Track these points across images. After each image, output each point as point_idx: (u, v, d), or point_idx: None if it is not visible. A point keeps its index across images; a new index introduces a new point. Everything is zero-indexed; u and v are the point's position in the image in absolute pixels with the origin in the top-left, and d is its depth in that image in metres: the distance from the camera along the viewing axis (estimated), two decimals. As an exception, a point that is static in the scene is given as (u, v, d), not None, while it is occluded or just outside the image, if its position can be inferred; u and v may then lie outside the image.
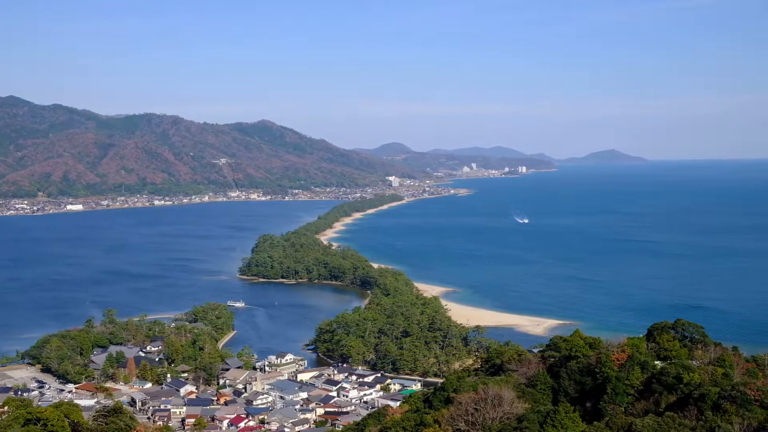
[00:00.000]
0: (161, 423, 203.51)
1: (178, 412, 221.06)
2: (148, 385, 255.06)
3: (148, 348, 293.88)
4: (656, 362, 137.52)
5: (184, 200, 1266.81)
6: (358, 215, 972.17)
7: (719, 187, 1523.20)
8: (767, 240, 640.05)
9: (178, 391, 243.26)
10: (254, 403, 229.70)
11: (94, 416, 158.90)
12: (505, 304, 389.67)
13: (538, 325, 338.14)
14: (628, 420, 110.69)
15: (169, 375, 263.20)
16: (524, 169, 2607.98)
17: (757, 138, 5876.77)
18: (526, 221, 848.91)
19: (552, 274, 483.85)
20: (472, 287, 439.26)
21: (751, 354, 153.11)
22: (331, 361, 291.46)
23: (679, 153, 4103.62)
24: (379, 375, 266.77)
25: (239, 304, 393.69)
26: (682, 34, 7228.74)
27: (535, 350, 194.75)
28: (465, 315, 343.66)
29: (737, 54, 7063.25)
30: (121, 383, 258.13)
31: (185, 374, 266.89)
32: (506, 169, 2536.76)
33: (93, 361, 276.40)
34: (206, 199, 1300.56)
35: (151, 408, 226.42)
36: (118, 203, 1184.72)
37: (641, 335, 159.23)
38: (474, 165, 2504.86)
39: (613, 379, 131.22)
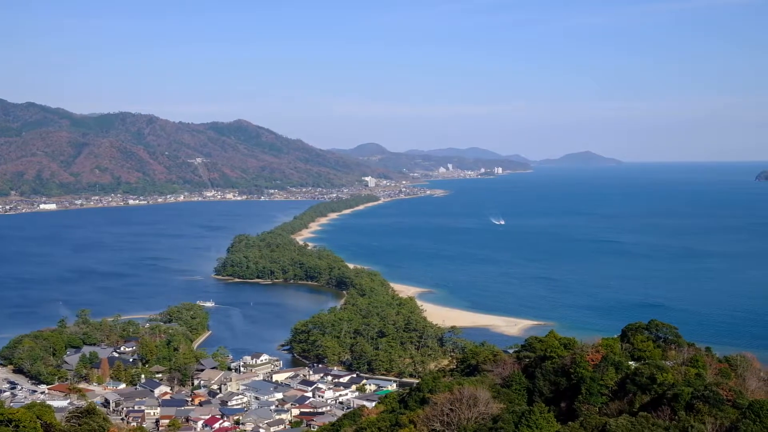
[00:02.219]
0: (135, 424, 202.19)
1: (152, 413, 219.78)
2: (122, 385, 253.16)
3: (122, 348, 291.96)
4: (630, 362, 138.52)
5: (159, 200, 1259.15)
6: (334, 215, 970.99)
7: (691, 190, 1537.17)
8: (736, 242, 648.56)
9: (153, 391, 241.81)
10: (229, 403, 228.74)
11: (67, 417, 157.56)
12: (481, 304, 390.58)
13: (513, 326, 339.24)
14: (602, 420, 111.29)
15: (143, 376, 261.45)
16: (500, 170, 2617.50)
17: (732, 141, 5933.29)
18: (502, 222, 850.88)
19: (526, 274, 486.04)
20: (447, 288, 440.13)
21: (724, 354, 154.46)
22: (307, 362, 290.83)
23: (653, 155, 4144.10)
24: (354, 375, 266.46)
25: (209, 304, 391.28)
26: (660, 38, 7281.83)
27: (511, 351, 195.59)
28: (440, 315, 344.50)
29: (713, 58, 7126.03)
30: (94, 384, 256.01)
31: (159, 375, 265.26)
32: (482, 170, 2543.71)
33: (66, 362, 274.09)
34: (181, 198, 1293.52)
35: (124, 409, 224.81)
36: (92, 202, 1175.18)
37: (615, 336, 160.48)
38: (450, 166, 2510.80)
39: (588, 379, 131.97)
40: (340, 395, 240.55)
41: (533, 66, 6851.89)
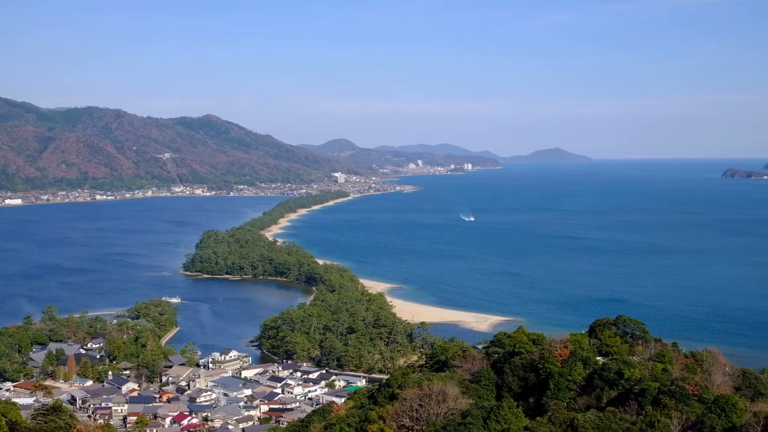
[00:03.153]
0: (102, 421, 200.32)
1: (119, 410, 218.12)
2: (89, 382, 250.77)
3: (89, 345, 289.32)
4: (598, 358, 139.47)
5: (127, 195, 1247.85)
6: (303, 211, 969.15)
7: (658, 187, 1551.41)
8: (700, 238, 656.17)
9: (120, 388, 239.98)
10: (197, 400, 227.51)
11: (32, 415, 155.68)
12: (450, 300, 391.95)
13: (482, 322, 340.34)
14: (570, 415, 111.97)
15: (110, 372, 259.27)
16: (470, 166, 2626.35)
17: (700, 139, 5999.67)
18: (472, 219, 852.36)
19: (495, 270, 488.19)
20: (417, 284, 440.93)
21: (690, 350, 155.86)
22: (276, 358, 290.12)
23: (623, 152, 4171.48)
24: (324, 371, 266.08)
25: (175, 300, 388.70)
26: (633, 37, 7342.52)
27: (480, 346, 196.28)
28: (410, 311, 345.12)
29: (683, 57, 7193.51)
30: (61, 381, 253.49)
31: (127, 372, 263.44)
32: (452, 167, 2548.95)
33: (32, 359, 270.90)
34: (149, 194, 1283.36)
35: (91, 406, 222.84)
36: (58, 198, 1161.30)
37: (584, 331, 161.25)
38: (420, 162, 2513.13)
39: (556, 374, 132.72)
40: (310, 391, 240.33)
41: (505, 64, 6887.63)
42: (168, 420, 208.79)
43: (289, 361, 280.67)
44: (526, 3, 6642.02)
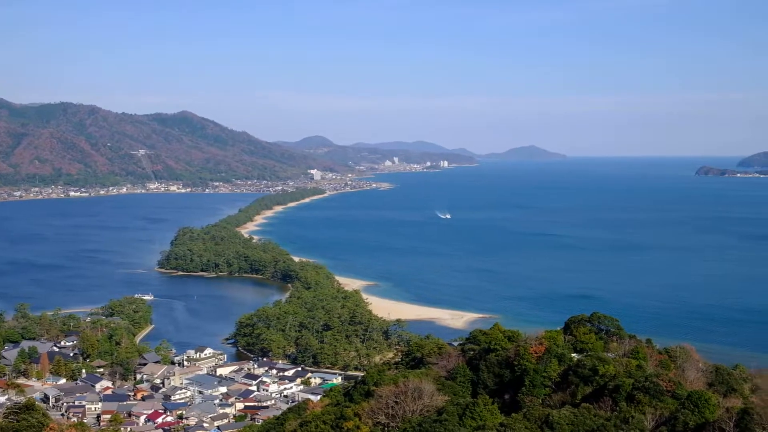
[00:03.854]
0: (75, 419, 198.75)
1: (93, 408, 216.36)
2: (62, 380, 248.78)
3: (62, 343, 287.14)
4: (573, 354, 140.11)
5: (101, 192, 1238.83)
6: (279, 208, 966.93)
7: (633, 184, 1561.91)
8: (674, 235, 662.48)
9: (94, 386, 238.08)
10: (172, 398, 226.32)
11: (4, 413, 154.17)
12: (426, 297, 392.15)
13: (458, 319, 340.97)
14: (545, 411, 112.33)
15: (84, 370, 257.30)
16: (446, 163, 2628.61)
17: (675, 137, 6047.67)
18: (448, 216, 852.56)
19: (471, 267, 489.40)
20: (393, 281, 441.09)
21: (664, 346, 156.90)
22: (251, 355, 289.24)
23: (599, 150, 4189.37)
24: (299, 369, 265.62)
25: (148, 297, 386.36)
26: (609, 35, 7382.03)
27: (455, 343, 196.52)
28: (386, 308, 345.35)
29: (658, 55, 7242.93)
30: (33, 379, 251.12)
31: (101, 369, 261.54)
32: (428, 164, 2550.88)
33: (4, 357, 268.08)
34: (124, 190, 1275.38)
35: (65, 404, 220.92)
36: (31, 194, 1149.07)
37: (559, 328, 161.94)
38: (396, 159, 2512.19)
39: (531, 371, 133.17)
40: (285, 389, 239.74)
41: (481, 61, 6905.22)
42: (142, 418, 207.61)
43: (265, 359, 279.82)
44: (504, 0, 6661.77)
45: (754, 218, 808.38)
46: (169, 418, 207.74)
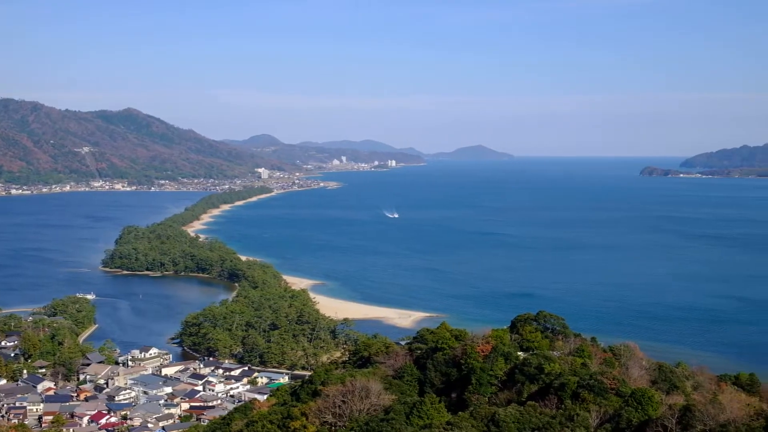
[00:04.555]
0: (16, 421, 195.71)
1: (34, 409, 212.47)
2: (3, 381, 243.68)
3: (2, 343, 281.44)
4: (519, 353, 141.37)
5: (44, 190, 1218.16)
6: (226, 207, 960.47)
7: (578, 184, 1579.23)
8: (617, 234, 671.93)
9: (35, 387, 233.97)
10: (116, 398, 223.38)
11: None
12: (373, 296, 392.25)
13: (405, 318, 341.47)
14: (491, 410, 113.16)
15: (25, 371, 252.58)
16: (393, 163, 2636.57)
17: (619, 137, 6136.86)
18: (396, 216, 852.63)
19: (418, 266, 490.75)
20: (340, 280, 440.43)
21: (608, 344, 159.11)
22: (197, 355, 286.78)
23: (546, 150, 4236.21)
24: (246, 368, 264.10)
25: (90, 296, 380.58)
26: (556, 35, 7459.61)
27: (403, 342, 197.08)
28: (333, 308, 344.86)
29: (599, 55, 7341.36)
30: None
31: (43, 370, 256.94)
32: (376, 163, 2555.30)
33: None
34: (67, 188, 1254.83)
35: (5, 405, 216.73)
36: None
37: (505, 327, 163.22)
38: (344, 158, 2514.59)
39: (478, 370, 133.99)
40: (231, 388, 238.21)
41: (428, 60, 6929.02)
42: (85, 419, 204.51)
43: (211, 358, 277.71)
44: None
45: (693, 218, 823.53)
46: (113, 419, 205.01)
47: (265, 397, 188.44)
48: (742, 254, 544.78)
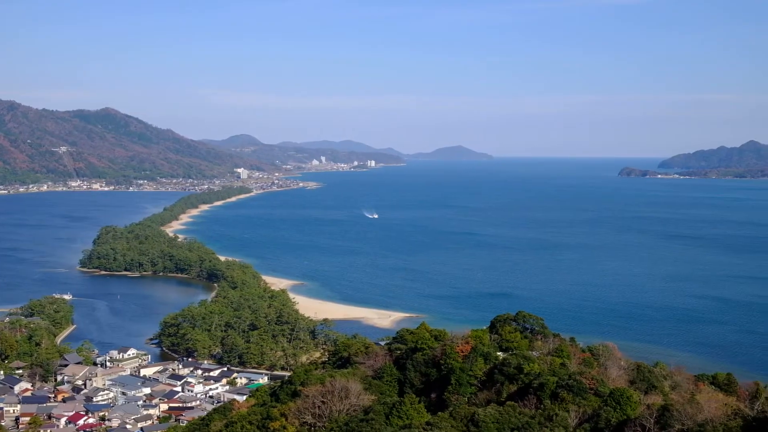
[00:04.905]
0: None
1: (11, 411, 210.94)
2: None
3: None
4: (498, 353, 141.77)
5: (21, 189, 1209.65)
6: (205, 207, 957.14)
7: (557, 185, 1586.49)
8: (595, 234, 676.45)
9: (12, 388, 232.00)
10: (94, 399, 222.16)
11: None
12: (353, 297, 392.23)
13: (385, 318, 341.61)
14: (471, 410, 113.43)
15: (1, 372, 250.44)
16: (373, 163, 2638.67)
17: (598, 138, 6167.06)
18: (376, 216, 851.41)
19: (397, 266, 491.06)
20: (319, 280, 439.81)
21: (587, 344, 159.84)
22: (176, 356, 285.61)
23: (525, 151, 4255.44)
24: (225, 369, 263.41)
25: (66, 297, 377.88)
26: (534, 37, 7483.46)
27: (382, 343, 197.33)
28: (313, 308, 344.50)
29: (579, 57, 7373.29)
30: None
31: (20, 371, 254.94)
32: (355, 163, 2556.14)
33: None
34: (45, 188, 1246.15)
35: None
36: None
37: (485, 327, 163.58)
38: (323, 158, 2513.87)
39: (457, 370, 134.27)
40: (211, 389, 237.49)
41: (407, 60, 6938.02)
42: (63, 420, 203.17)
43: (190, 359, 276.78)
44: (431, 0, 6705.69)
45: (670, 218, 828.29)
46: (90, 420, 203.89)
47: (245, 397, 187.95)
48: (718, 255, 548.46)
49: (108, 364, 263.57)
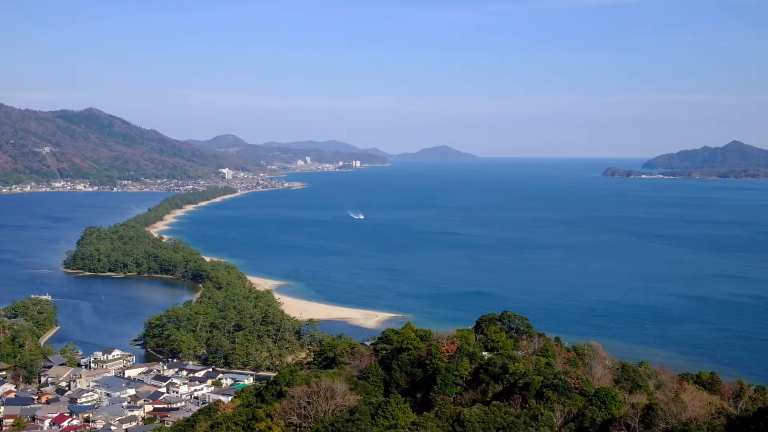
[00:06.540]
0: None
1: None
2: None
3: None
4: (484, 353, 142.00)
5: (4, 190, 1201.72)
6: (190, 207, 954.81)
7: (542, 185, 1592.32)
8: (578, 234, 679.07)
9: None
10: (78, 401, 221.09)
11: None
12: (338, 297, 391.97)
13: (370, 318, 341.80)
14: (456, 410, 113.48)
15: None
16: (358, 163, 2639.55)
17: (581, 138, 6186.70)
18: (361, 217, 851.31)
19: (382, 266, 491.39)
20: (305, 281, 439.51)
21: (572, 344, 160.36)
22: (161, 357, 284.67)
23: (510, 151, 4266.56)
24: (210, 370, 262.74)
25: (45, 297, 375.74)
26: (517, 38, 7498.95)
27: (368, 343, 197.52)
28: (298, 308, 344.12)
29: (563, 57, 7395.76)
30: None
31: (3, 373, 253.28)
32: (340, 163, 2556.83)
33: None
34: (28, 189, 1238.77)
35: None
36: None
37: (470, 327, 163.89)
38: (308, 158, 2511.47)
39: (443, 370, 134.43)
40: (196, 390, 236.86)
41: (392, 60, 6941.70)
42: (47, 422, 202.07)
43: (175, 360, 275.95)
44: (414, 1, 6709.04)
45: (650, 218, 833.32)
46: (75, 422, 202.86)
47: (230, 398, 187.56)
48: (701, 254, 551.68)
49: (92, 365, 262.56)
